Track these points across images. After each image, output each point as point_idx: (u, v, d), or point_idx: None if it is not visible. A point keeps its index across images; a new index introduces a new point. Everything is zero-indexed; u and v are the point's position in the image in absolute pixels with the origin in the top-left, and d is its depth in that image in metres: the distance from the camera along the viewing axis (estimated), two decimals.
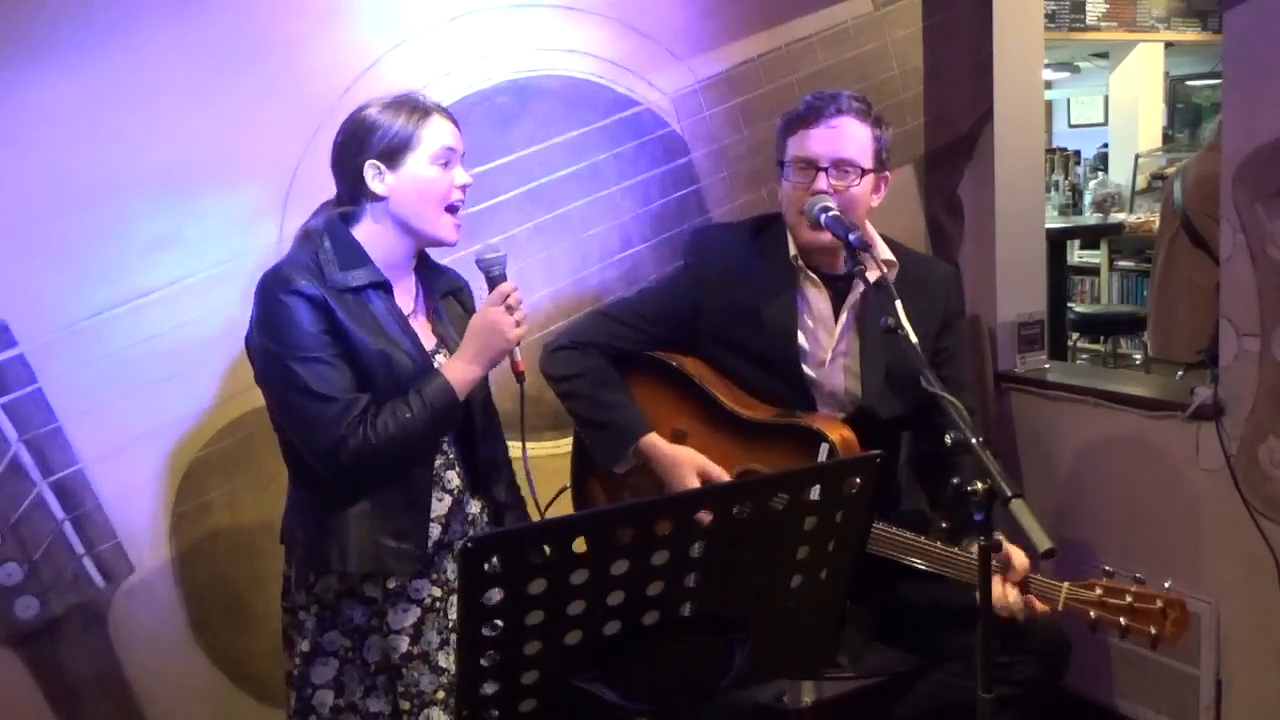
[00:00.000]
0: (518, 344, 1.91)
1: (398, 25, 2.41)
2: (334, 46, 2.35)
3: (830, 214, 2.01)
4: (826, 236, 2.07)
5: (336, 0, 2.35)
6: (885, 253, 2.19)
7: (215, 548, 2.31)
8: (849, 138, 2.10)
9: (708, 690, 1.47)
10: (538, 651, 1.36)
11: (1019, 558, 1.91)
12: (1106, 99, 8.23)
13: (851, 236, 1.94)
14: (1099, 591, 1.84)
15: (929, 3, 3.10)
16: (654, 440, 2.17)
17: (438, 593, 1.95)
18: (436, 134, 1.87)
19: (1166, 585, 1.80)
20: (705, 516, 1.37)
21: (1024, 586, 1.93)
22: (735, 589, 1.45)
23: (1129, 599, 1.80)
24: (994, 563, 1.89)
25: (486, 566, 1.27)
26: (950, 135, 3.20)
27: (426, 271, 2.00)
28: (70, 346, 2.15)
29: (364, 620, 1.89)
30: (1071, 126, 9.12)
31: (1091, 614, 1.83)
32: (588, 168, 2.66)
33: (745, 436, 2.17)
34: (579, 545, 1.31)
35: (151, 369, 2.22)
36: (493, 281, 1.94)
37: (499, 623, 1.32)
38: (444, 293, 2.02)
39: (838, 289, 2.20)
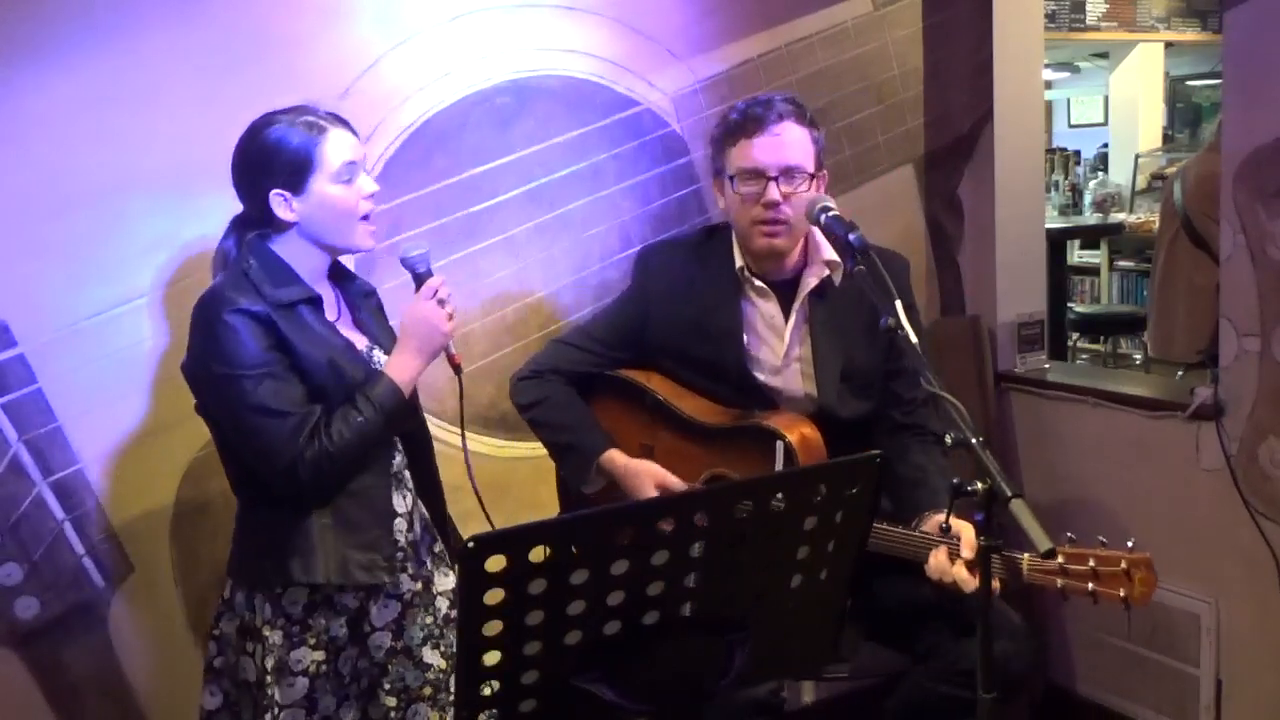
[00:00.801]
0: (452, 336, 1.93)
1: (398, 25, 2.42)
2: (334, 47, 2.35)
3: (830, 214, 2.01)
4: (786, 241, 2.11)
5: (336, 0, 2.35)
6: (828, 252, 2.19)
7: (215, 548, 2.31)
8: (792, 144, 2.10)
9: (708, 690, 1.47)
10: (538, 651, 1.36)
11: (968, 534, 1.90)
12: (1106, 99, 8.23)
13: (852, 236, 1.93)
14: (1060, 560, 1.81)
15: (929, 3, 3.10)
16: (613, 456, 2.21)
17: (418, 587, 1.95)
18: (336, 150, 1.85)
19: (1130, 544, 1.78)
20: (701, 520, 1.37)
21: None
22: (735, 589, 1.45)
23: (1092, 563, 1.79)
24: (952, 540, 1.90)
25: (487, 566, 1.27)
26: (950, 135, 3.20)
27: (340, 278, 2.01)
28: (70, 346, 2.15)
29: (341, 631, 1.88)
30: (1071, 126, 9.12)
31: (1058, 583, 1.82)
32: (588, 168, 2.66)
33: (708, 442, 2.19)
34: (579, 545, 1.31)
35: (152, 369, 2.22)
36: (419, 279, 1.95)
37: (499, 623, 1.32)
38: (359, 295, 2.03)
39: (787, 295, 2.21)
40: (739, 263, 2.21)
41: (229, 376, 1.78)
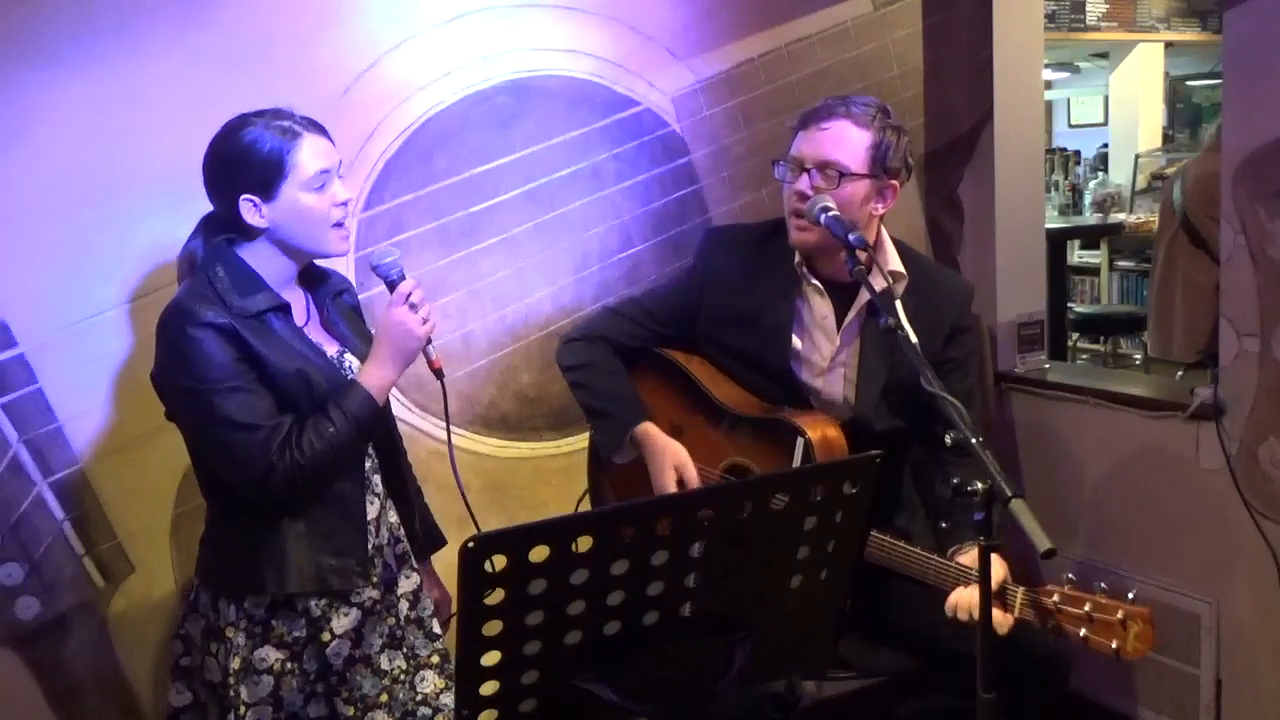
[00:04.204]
0: (428, 340, 1.90)
1: (398, 25, 2.41)
2: (334, 46, 2.35)
3: (830, 214, 2.01)
4: (811, 236, 2.09)
5: (337, 1, 2.35)
6: (894, 263, 2.18)
7: None
8: (836, 141, 2.09)
9: (708, 690, 1.47)
10: (538, 651, 1.36)
11: (999, 571, 1.90)
12: (1106, 99, 8.23)
13: (851, 236, 1.93)
14: (1055, 598, 1.79)
15: (929, 3, 3.10)
16: (649, 429, 2.20)
17: (376, 595, 1.94)
18: (310, 157, 1.81)
19: (1130, 596, 1.74)
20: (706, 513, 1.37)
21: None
22: (735, 589, 1.45)
23: (1087, 608, 1.74)
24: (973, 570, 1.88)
25: (487, 566, 1.27)
26: (950, 135, 3.20)
27: (311, 279, 1.98)
28: (70, 346, 2.15)
29: (301, 632, 1.88)
30: (1071, 126, 9.11)
31: (1049, 622, 1.80)
32: (588, 168, 2.66)
33: (733, 430, 2.20)
34: (580, 545, 1.31)
35: (151, 369, 2.22)
36: (391, 285, 1.91)
37: (499, 623, 1.32)
38: (330, 295, 2.00)
39: (843, 297, 2.19)
40: (797, 259, 2.20)
41: (196, 391, 1.76)
